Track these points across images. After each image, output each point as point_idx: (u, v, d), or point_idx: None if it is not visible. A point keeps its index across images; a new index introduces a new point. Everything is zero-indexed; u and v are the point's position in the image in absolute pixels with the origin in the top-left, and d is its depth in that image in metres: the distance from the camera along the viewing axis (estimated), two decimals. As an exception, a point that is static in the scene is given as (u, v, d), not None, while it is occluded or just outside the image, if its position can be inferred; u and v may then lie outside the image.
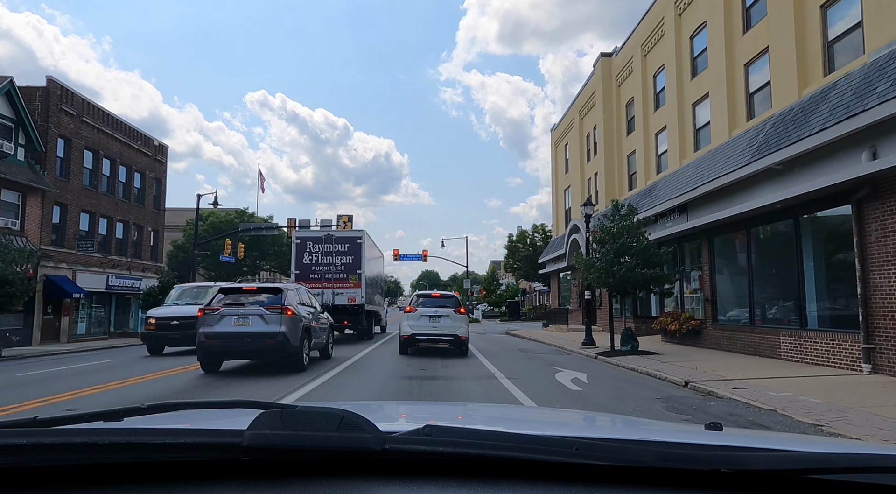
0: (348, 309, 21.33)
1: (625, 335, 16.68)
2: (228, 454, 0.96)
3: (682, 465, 0.97)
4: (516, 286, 72.44)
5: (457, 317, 17.14)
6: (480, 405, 5.56)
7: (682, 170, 19.59)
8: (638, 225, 16.53)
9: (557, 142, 39.16)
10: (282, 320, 11.08)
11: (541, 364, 14.63)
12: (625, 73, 26.89)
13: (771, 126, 13.65)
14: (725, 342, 16.17)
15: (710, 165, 16.52)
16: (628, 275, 15.66)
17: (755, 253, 14.97)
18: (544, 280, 53.15)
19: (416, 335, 16.68)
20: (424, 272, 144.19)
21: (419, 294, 18.66)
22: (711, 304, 17.05)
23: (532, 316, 56.41)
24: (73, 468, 0.96)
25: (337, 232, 21.94)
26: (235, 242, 45.34)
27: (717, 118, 17.94)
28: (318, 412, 1.03)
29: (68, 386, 10.94)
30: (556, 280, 38.49)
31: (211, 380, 11.10)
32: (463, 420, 1.94)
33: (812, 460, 1.01)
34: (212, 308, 11.16)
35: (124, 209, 33.37)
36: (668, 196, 18.91)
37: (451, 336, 16.85)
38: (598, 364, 14.89)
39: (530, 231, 58.45)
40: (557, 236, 37.61)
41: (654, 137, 23.63)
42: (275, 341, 10.91)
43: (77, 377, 12.56)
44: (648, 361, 14.35)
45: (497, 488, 0.95)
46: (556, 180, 39.31)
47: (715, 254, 17.08)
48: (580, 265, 17.30)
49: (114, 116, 32.40)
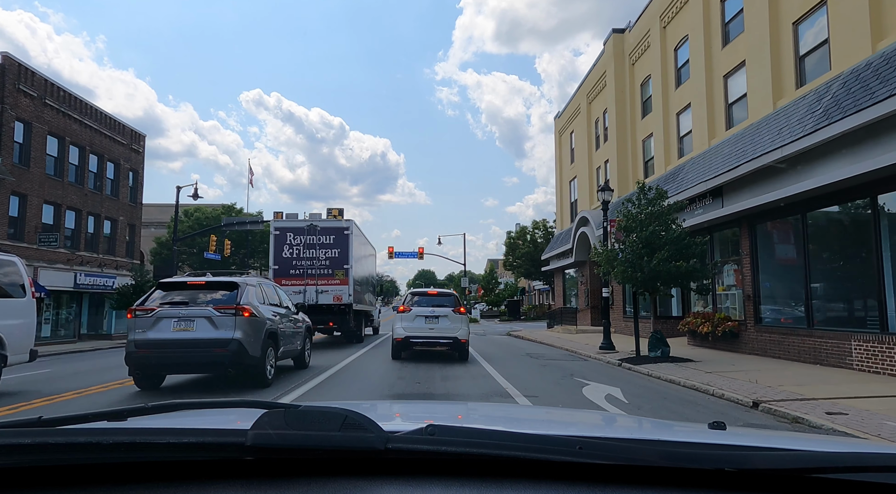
0: (334, 309, 18.85)
1: (653, 338, 14.29)
2: (232, 453, 0.96)
3: (686, 464, 0.96)
4: (515, 285, 70.08)
5: (456, 317, 14.96)
6: (483, 405, 5.50)
7: (713, 150, 17.20)
8: (668, 210, 14.15)
9: (562, 130, 36.73)
10: (236, 323, 8.63)
11: (559, 375, 12.23)
12: (640, 49, 24.48)
13: (841, 86, 11.26)
14: (772, 348, 13.79)
15: (755, 141, 14.12)
16: (659, 269, 13.28)
17: (813, 242, 12.58)
18: (545, 278, 50.86)
19: (411, 337, 14.69)
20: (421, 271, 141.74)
21: (414, 292, 16.45)
22: (753, 302, 14.66)
23: (532, 316, 54.02)
24: (76, 467, 0.96)
25: (321, 222, 19.42)
26: (221, 238, 42.98)
27: (757, 88, 15.55)
28: (321, 411, 1.02)
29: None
30: (560, 278, 36.09)
31: (142, 398, 8.65)
32: (466, 420, 1.92)
33: (816, 459, 1.00)
34: (145, 309, 8.67)
35: (95, 202, 30.78)
36: (698, 179, 16.52)
37: (449, 339, 14.73)
38: (628, 375, 12.48)
39: (530, 227, 56.08)
40: (562, 230, 35.22)
41: (675, 117, 21.24)
42: (226, 350, 8.46)
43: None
44: (687, 370, 11.97)
45: (500, 487, 0.94)
46: (560, 171, 36.89)
47: (758, 244, 14.69)
48: (600, 258, 14.90)
49: (83, 101, 29.79)
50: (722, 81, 17.76)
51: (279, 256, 19.04)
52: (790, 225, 13.49)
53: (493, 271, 67.07)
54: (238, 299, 8.81)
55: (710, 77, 18.34)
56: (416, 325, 14.93)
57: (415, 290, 17.09)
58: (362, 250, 21.96)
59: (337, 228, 19.29)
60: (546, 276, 47.77)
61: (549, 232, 50.89)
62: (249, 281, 9.56)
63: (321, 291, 18.85)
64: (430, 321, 15.06)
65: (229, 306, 8.69)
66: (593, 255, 15.34)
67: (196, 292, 9.00)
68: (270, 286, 10.85)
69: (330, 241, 19.17)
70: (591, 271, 29.19)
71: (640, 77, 24.82)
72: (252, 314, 8.87)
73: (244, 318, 8.70)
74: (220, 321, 8.60)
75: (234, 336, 8.53)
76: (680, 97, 20.81)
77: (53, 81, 27.58)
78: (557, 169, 37.57)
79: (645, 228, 13.73)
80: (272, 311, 10.02)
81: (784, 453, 1.07)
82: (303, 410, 1.02)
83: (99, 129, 30.87)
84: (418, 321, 15.09)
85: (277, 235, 19.16)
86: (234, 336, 8.54)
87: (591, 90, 30.27)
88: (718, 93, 17.95)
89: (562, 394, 9.68)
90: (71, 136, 28.67)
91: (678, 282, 13.82)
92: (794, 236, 13.44)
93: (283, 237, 19.14)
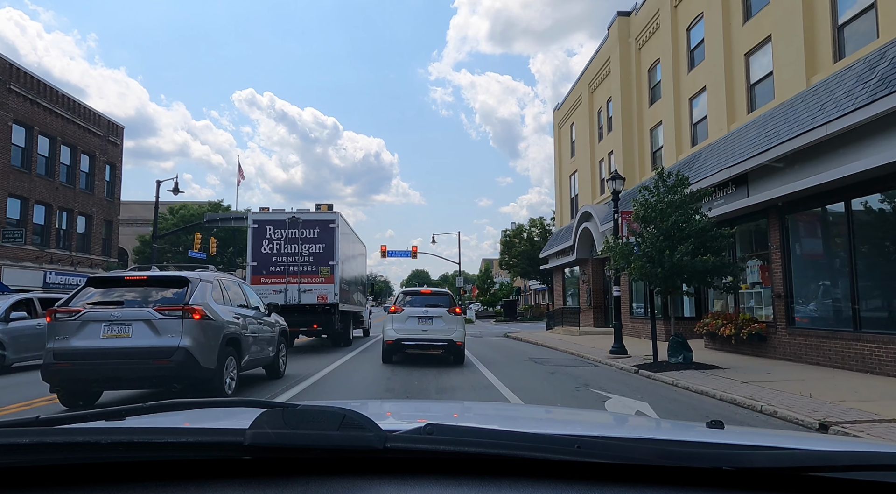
0: (318, 309, 17.15)
1: (673, 342, 12.73)
2: (230, 453, 0.96)
3: (684, 463, 0.96)
4: (511, 285, 68.48)
5: (451, 318, 13.71)
6: (481, 404, 5.51)
7: (734, 135, 15.66)
8: (690, 199, 12.61)
9: (561, 123, 35.16)
10: (184, 327, 6.97)
11: (572, 385, 10.64)
12: (648, 31, 22.94)
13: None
14: (808, 353, 12.25)
15: (789, 120, 12.58)
16: (683, 264, 11.72)
17: (859, 233, 11.05)
18: (543, 278, 49.33)
19: (403, 339, 13.49)
20: (415, 271, 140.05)
21: (406, 291, 15.11)
22: (785, 302, 13.12)
23: (529, 316, 52.47)
24: (75, 467, 0.96)
25: (304, 214, 17.70)
26: (207, 236, 41.31)
27: (786, 64, 14.01)
28: (319, 410, 1.02)
29: None
30: (559, 277, 34.54)
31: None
32: (464, 419, 1.91)
33: (813, 458, 1.00)
34: (68, 310, 6.97)
35: (68, 196, 28.97)
36: (719, 167, 14.97)
37: (444, 342, 13.51)
38: (650, 385, 10.90)
39: (527, 225, 54.52)
40: (562, 227, 33.67)
41: (687, 102, 19.71)
42: (169, 361, 6.79)
43: None
44: (718, 380, 10.41)
45: (499, 486, 0.94)
46: (560, 166, 35.34)
47: (789, 237, 13.16)
48: (613, 253, 13.33)
49: (53, 88, 27.98)
50: (743, 61, 16.22)
51: (258, 251, 17.31)
52: (829, 215, 11.96)
53: (489, 270, 65.50)
54: (187, 299, 7.15)
55: (730, 57, 16.80)
56: (409, 326, 13.70)
57: (407, 289, 15.72)
58: (350, 246, 20.29)
59: (322, 221, 17.59)
60: (543, 275, 46.26)
61: (547, 230, 49.38)
62: (205, 277, 7.88)
63: (304, 290, 17.17)
64: (423, 322, 13.76)
65: (176, 306, 7.02)
66: (605, 250, 13.78)
67: (136, 289, 7.33)
68: (235, 283, 9.18)
69: (314, 235, 17.47)
70: (594, 270, 27.65)
71: (647, 62, 23.28)
72: (205, 316, 7.21)
73: (194, 321, 7.05)
74: (163, 324, 6.94)
75: (179, 344, 6.87)
76: (693, 81, 19.28)
77: (19, 66, 25.77)
78: (556, 163, 36.01)
79: (666, 218, 12.17)
80: (235, 312, 8.37)
81: (782, 451, 1.09)
82: (301, 409, 1.02)
83: (72, 118, 29.05)
84: (410, 321, 13.78)
85: (256, 228, 17.43)
86: (181, 344, 6.88)
87: (593, 79, 28.72)
88: (739, 73, 16.42)
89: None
90: (39, 125, 26.84)
91: (702, 279, 12.28)
92: (833, 227, 11.91)
93: (261, 231, 17.42)
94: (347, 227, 19.79)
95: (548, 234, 47.43)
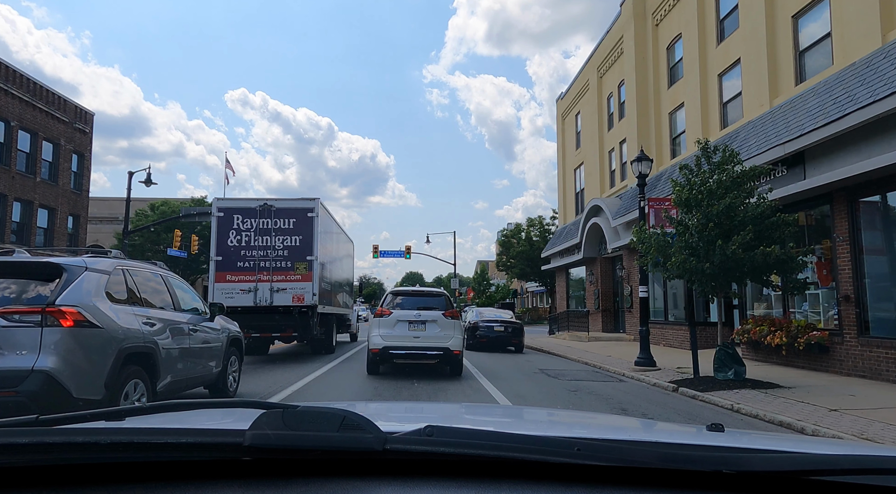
0: (294, 312, 14.67)
1: (722, 354, 10.38)
2: (230, 453, 0.95)
3: (684, 466, 0.95)
4: (507, 287, 66.13)
5: (447, 323, 11.63)
6: (480, 406, 5.38)
7: (781, 109, 13.35)
8: (744, 177, 10.27)
9: (565, 113, 32.84)
10: (44, 340, 4.55)
11: (603, 408, 8.25)
12: (667, 5, 20.65)
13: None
14: (890, 368, 9.92)
15: (866, 81, 10.25)
16: (739, 257, 9.38)
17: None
18: (543, 279, 47.01)
19: (391, 348, 11.36)
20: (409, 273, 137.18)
21: (396, 292, 12.87)
22: (856, 305, 10.78)
23: (527, 320, 50.09)
24: (74, 467, 0.95)
25: (278, 202, 15.21)
26: (188, 233, 38.80)
27: (848, 24, 11.72)
28: (319, 412, 1.01)
29: None
30: (562, 277, 32.19)
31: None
32: (464, 421, 1.90)
33: (813, 461, 0.99)
34: None
35: (25, 187, 26.39)
36: (767, 145, 12.65)
37: (439, 350, 11.38)
38: (703, 410, 8.51)
39: (525, 225, 52.17)
40: (567, 223, 31.33)
41: (716, 79, 17.40)
42: (16, 393, 4.37)
43: None
44: (790, 404, 8.06)
45: (498, 488, 0.93)
46: (563, 159, 33.01)
47: (861, 226, 10.84)
48: (645, 244, 10.97)
49: (9, 67, 25.41)
50: (790, 24, 13.91)
51: (223, 244, 14.79)
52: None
53: (485, 272, 63.13)
54: (53, 297, 4.73)
55: (772, 22, 14.49)
56: (398, 332, 11.56)
57: (396, 289, 13.38)
58: (333, 239, 17.83)
59: (298, 209, 15.10)
60: (544, 276, 43.94)
61: (546, 230, 47.02)
62: (96, 265, 5.41)
63: (277, 289, 14.70)
64: (414, 328, 11.58)
65: (32, 308, 4.61)
66: (635, 242, 11.40)
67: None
68: (157, 276, 6.70)
69: (289, 226, 14.99)
70: (602, 269, 25.32)
71: (666, 38, 20.97)
72: (83, 323, 4.78)
73: (63, 330, 4.62)
74: (15, 336, 4.52)
75: (34, 366, 4.44)
76: (724, 54, 16.98)
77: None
78: (560, 158, 33.69)
79: (718, 200, 9.81)
80: (148, 316, 5.92)
81: (781, 455, 1.07)
82: (301, 410, 1.01)
83: (32, 101, 26.47)
84: (400, 327, 11.60)
85: (221, 217, 14.90)
86: (37, 366, 4.45)
87: (602, 62, 26.40)
88: (784, 40, 14.11)
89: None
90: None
91: (759, 276, 9.95)
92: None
93: (228, 220, 14.91)
94: (329, 217, 17.35)
95: (547, 234, 45.14)
